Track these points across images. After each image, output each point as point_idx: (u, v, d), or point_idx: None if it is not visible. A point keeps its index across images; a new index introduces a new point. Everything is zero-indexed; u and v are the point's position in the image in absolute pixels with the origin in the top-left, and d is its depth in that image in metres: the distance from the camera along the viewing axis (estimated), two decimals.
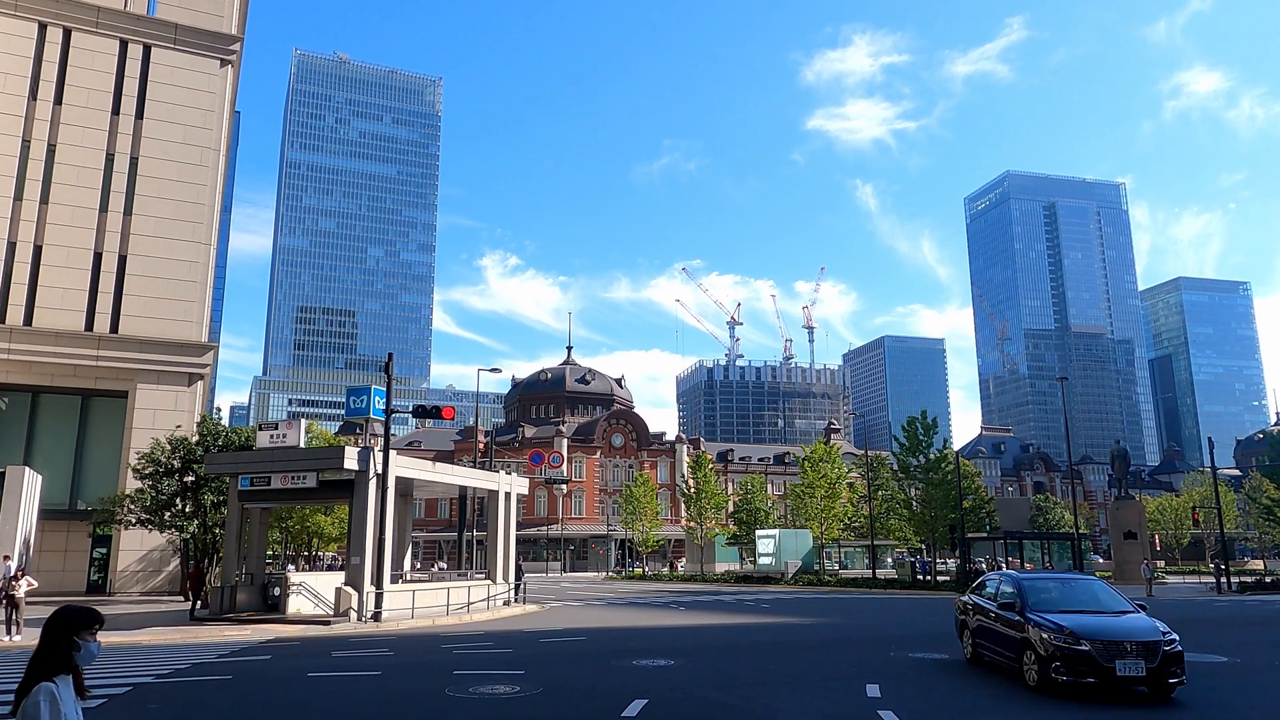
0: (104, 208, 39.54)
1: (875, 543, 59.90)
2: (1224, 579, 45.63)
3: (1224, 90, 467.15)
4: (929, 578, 53.38)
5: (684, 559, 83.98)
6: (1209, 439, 57.74)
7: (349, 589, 25.74)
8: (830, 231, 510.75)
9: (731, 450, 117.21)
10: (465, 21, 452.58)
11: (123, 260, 39.49)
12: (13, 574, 21.44)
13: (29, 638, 20.42)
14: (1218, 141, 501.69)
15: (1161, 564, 75.14)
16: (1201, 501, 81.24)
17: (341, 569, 38.62)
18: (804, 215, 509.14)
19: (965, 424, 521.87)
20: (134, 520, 33.94)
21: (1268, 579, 49.04)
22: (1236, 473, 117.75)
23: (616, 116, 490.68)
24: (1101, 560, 77.81)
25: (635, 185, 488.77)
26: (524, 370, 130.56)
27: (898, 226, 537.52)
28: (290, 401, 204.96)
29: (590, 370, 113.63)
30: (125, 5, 41.78)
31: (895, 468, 58.77)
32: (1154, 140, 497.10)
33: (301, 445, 28.48)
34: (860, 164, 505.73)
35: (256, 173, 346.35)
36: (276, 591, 27.97)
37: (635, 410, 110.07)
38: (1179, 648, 12.05)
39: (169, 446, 34.37)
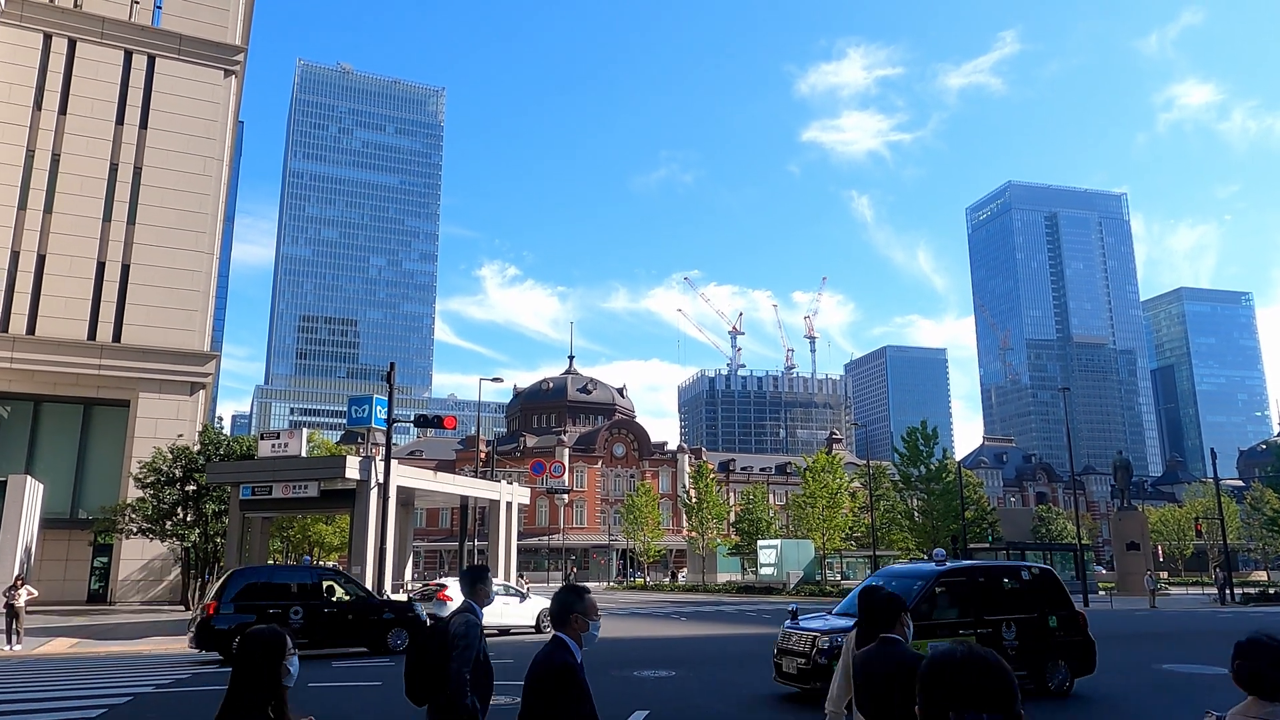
0: (107, 217, 39.65)
1: (877, 553, 59.70)
2: (1227, 590, 45.46)
3: (1216, 103, 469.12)
4: None
5: (685, 569, 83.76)
6: (1212, 450, 57.66)
7: None
8: (827, 243, 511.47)
9: (733, 460, 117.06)
10: (467, 32, 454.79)
11: (126, 269, 39.57)
12: (13, 583, 21.43)
13: (29, 647, 20.39)
14: (1212, 153, 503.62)
15: (1164, 575, 74.88)
16: (1204, 512, 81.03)
17: None
18: (800, 227, 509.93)
19: (967, 434, 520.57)
20: (135, 529, 33.91)
21: (1271, 590, 48.88)
22: (1239, 483, 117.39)
23: (613, 127, 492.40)
24: (1104, 571, 77.57)
25: (633, 196, 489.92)
26: (523, 380, 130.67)
27: (894, 237, 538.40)
28: (292, 411, 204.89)
29: (592, 380, 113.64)
30: (130, 16, 41.99)
31: (896, 478, 58.66)
32: (1148, 152, 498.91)
33: (303, 454, 28.51)
34: (856, 175, 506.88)
35: (259, 182, 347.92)
36: None
37: (637, 420, 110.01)
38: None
39: (170, 455, 34.36)
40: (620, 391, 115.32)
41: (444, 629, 5.42)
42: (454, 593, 26.98)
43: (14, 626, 20.57)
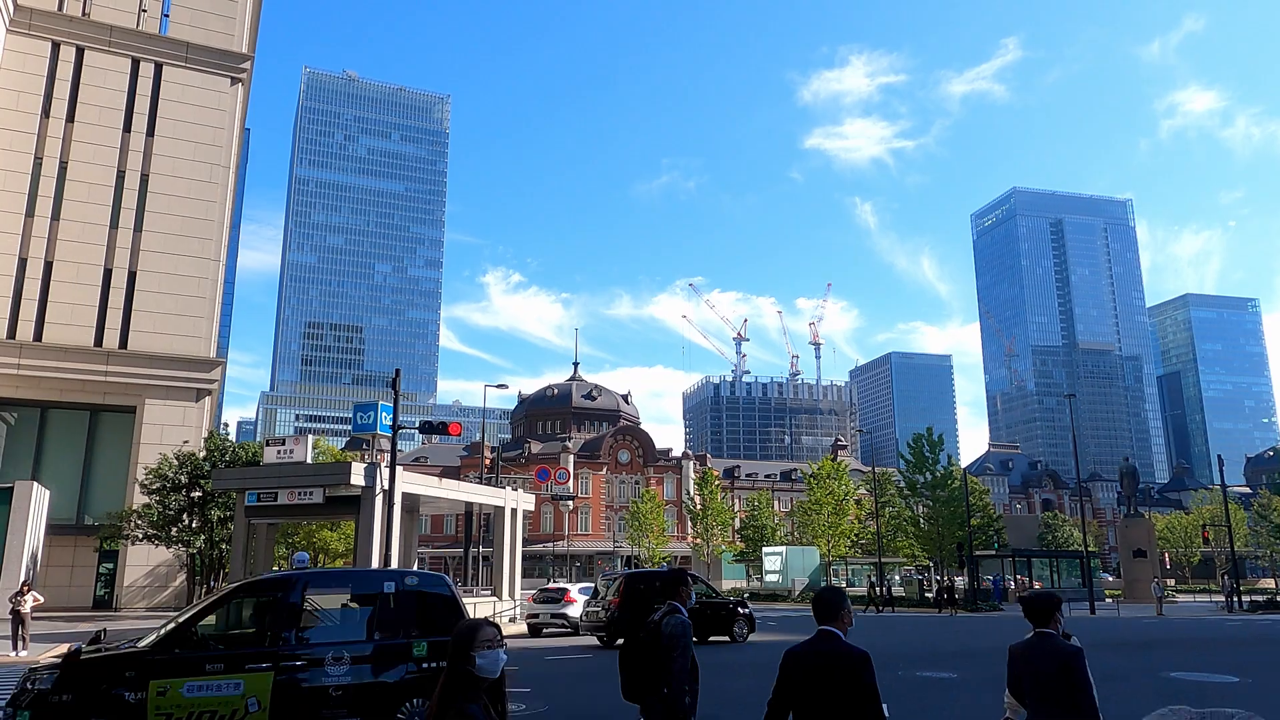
0: (114, 224, 39.80)
1: (883, 560, 59.57)
2: (1235, 598, 45.23)
3: (1219, 109, 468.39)
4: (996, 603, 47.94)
5: None
6: (1219, 456, 57.40)
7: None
8: (830, 249, 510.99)
9: (738, 467, 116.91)
10: (472, 40, 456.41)
11: (132, 276, 39.71)
12: (19, 589, 21.48)
13: (35, 653, 20.41)
14: (1215, 160, 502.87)
15: (1172, 582, 74.56)
16: (1212, 519, 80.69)
17: None
18: (804, 233, 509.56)
19: (972, 441, 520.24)
20: (141, 535, 33.97)
21: (1279, 598, 48.59)
22: (1246, 490, 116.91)
23: (617, 134, 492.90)
24: (1111, 579, 77.27)
25: (636, 203, 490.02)
26: (527, 387, 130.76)
27: (897, 244, 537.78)
28: (297, 417, 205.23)
29: (596, 386, 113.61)
30: (137, 24, 42.22)
31: (902, 485, 58.53)
32: (1151, 159, 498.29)
33: (308, 461, 28.54)
34: (859, 182, 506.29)
35: (266, 189, 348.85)
36: None
37: (641, 426, 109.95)
38: None
39: (176, 462, 34.43)
40: (625, 398, 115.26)
41: (655, 629, 5.54)
42: (576, 595, 29.72)
43: (20, 632, 20.60)
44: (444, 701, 3.71)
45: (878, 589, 46.63)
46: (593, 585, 31.13)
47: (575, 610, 29.27)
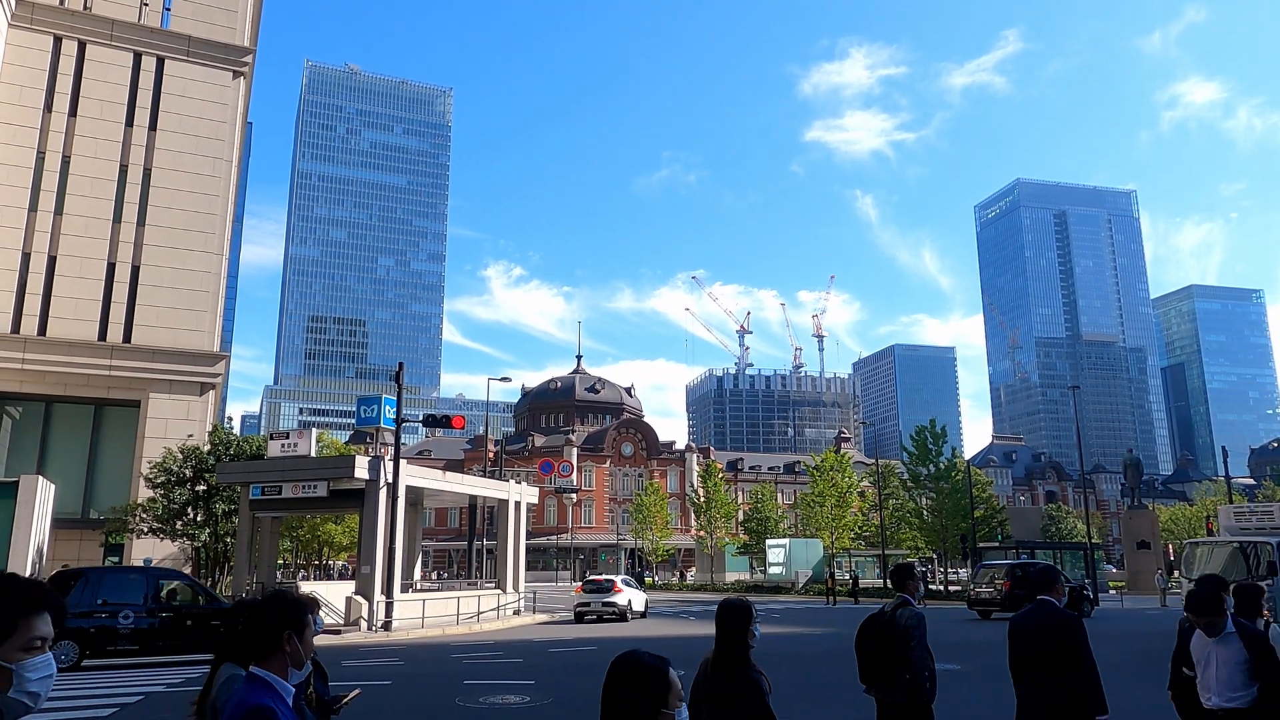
0: (117, 218, 39.79)
1: (886, 552, 59.62)
2: None
3: (1221, 100, 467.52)
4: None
5: (694, 568, 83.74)
6: (1223, 448, 57.40)
7: (359, 598, 25.80)
8: (831, 242, 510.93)
9: (741, 459, 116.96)
10: (474, 33, 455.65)
11: (136, 270, 39.72)
12: None
13: None
14: (1216, 151, 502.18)
15: (1176, 574, 74.49)
16: (1216, 511, 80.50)
17: (352, 578, 38.67)
18: (805, 226, 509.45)
19: (976, 433, 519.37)
20: (146, 529, 34.04)
21: None
22: (1251, 481, 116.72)
23: (618, 128, 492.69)
24: (1115, 570, 77.25)
25: (636, 196, 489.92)
26: (530, 380, 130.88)
27: (898, 237, 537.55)
28: (301, 411, 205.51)
29: (600, 379, 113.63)
30: (139, 18, 42.13)
31: (905, 477, 58.53)
32: (1153, 150, 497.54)
33: (312, 454, 28.58)
34: (859, 175, 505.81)
35: (268, 184, 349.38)
36: None
37: (645, 419, 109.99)
38: None
39: (181, 456, 34.47)
40: (628, 391, 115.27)
41: (889, 620, 6.11)
42: (622, 585, 31.35)
43: None
44: (733, 668, 4.24)
45: (836, 577, 47.14)
46: (629, 577, 35.23)
47: (623, 599, 29.97)
